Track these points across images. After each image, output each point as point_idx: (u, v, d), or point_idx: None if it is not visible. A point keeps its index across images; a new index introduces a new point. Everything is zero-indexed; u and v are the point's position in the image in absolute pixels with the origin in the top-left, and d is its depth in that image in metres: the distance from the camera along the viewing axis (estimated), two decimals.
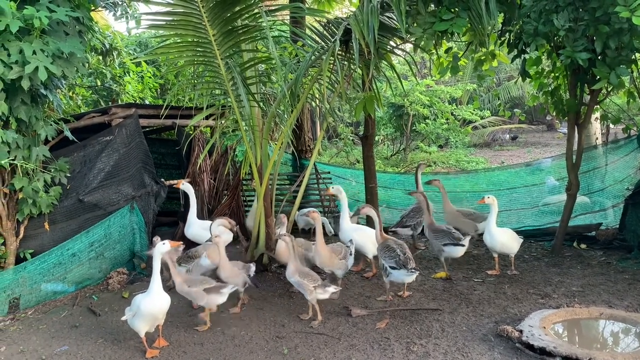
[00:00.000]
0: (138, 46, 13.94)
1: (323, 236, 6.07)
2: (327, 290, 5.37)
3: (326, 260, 5.91)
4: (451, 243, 6.46)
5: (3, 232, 6.44)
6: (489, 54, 7.63)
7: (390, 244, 5.78)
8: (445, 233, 6.55)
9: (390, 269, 5.63)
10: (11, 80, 5.59)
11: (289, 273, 5.46)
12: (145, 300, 4.74)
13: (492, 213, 6.50)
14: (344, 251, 6.06)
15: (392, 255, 5.63)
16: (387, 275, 5.70)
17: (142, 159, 7.64)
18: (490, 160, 18.46)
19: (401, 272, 5.57)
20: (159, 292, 4.79)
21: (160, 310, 4.80)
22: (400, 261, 5.55)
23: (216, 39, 6.29)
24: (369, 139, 7.70)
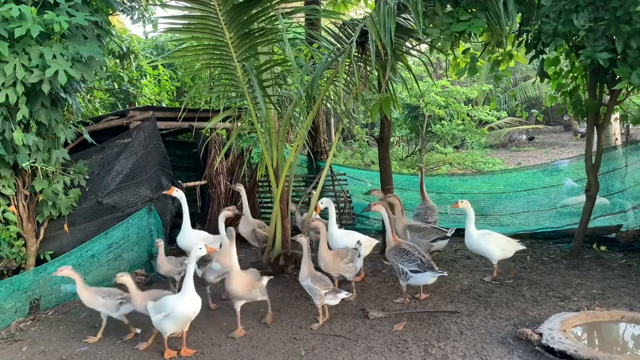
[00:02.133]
0: (154, 49, 14.07)
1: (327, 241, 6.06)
2: (338, 296, 5.35)
3: (330, 264, 5.85)
4: (440, 237, 6.72)
5: (23, 234, 6.55)
6: (506, 55, 7.56)
7: (405, 247, 5.77)
8: (430, 229, 6.83)
9: (411, 272, 5.60)
10: (32, 84, 5.68)
11: (302, 276, 5.45)
12: (179, 302, 4.68)
13: (468, 217, 6.44)
14: (350, 254, 5.99)
15: (412, 258, 5.61)
16: (406, 279, 5.66)
17: (159, 161, 7.71)
18: (506, 161, 18.31)
19: (426, 274, 5.57)
20: (193, 294, 4.73)
21: (194, 312, 4.76)
22: (424, 264, 5.56)
23: (233, 41, 6.33)
24: (385, 141, 7.68)
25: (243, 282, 5.22)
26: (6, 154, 5.96)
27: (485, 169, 14.96)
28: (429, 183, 10.27)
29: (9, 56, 5.48)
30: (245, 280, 5.25)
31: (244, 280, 5.24)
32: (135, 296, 5.12)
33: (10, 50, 5.53)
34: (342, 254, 5.98)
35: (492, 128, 22.16)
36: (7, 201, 6.38)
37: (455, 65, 7.73)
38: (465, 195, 9.90)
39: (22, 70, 5.54)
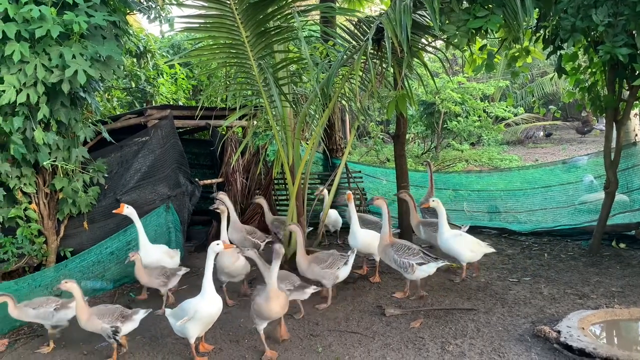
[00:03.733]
0: (171, 48, 14.17)
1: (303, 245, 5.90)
2: (306, 292, 5.37)
3: (304, 268, 5.76)
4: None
5: (44, 231, 6.65)
6: (523, 51, 7.51)
7: (402, 243, 5.89)
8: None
9: (417, 265, 5.65)
10: (52, 83, 5.76)
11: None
12: (201, 303, 4.55)
13: (440, 216, 6.32)
14: (331, 260, 5.79)
15: (414, 252, 5.72)
16: (413, 272, 5.69)
17: (177, 159, 7.78)
18: (524, 158, 18.15)
19: (431, 265, 5.69)
20: (213, 294, 4.62)
21: (217, 311, 4.66)
22: (427, 255, 5.71)
23: (249, 40, 6.37)
24: (401, 138, 7.66)
25: (280, 303, 4.70)
26: (27, 152, 6.05)
27: (501, 166, 14.85)
28: (445, 180, 10.26)
29: (30, 56, 5.56)
30: (282, 302, 4.73)
31: (281, 301, 4.71)
32: (80, 308, 4.83)
33: (31, 51, 5.61)
34: (320, 259, 5.80)
35: (509, 124, 21.99)
36: (29, 199, 6.48)
37: (472, 61, 7.69)
38: (482, 192, 9.88)
39: (42, 70, 5.62)
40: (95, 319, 4.81)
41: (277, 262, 4.64)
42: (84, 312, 4.83)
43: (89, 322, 4.83)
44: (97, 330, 4.84)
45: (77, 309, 4.85)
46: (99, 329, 4.81)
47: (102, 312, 4.87)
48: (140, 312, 5.04)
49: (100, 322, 4.79)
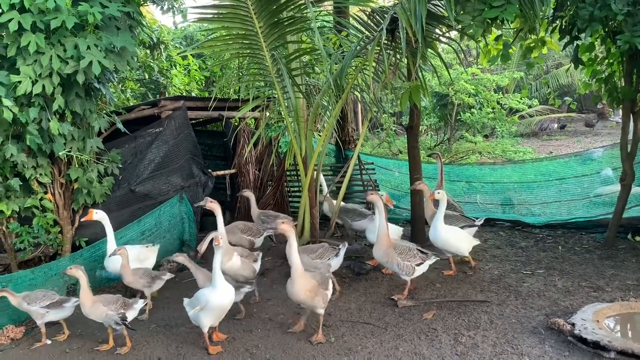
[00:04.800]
0: (184, 39, 14.20)
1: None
2: (242, 291, 5.31)
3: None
4: (467, 225, 6.71)
5: (60, 221, 6.73)
6: (539, 41, 7.41)
7: (403, 244, 5.79)
8: (457, 217, 6.81)
9: (416, 266, 5.60)
10: (67, 74, 5.80)
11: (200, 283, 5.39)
12: (212, 294, 4.58)
13: (440, 209, 6.14)
14: (321, 250, 5.79)
15: (414, 252, 5.65)
16: (413, 274, 5.61)
17: (190, 150, 7.82)
18: (538, 150, 17.99)
19: (426, 263, 5.71)
20: (224, 285, 4.64)
21: (230, 302, 4.68)
22: (424, 254, 5.71)
23: (262, 31, 6.35)
24: (414, 129, 7.61)
25: (306, 286, 4.73)
26: (43, 143, 6.11)
27: (515, 158, 14.73)
28: (458, 172, 10.21)
29: (45, 47, 5.60)
30: (309, 285, 4.75)
31: (307, 284, 4.74)
32: (84, 295, 4.91)
33: (47, 42, 5.65)
34: (311, 249, 5.78)
35: (523, 116, 21.79)
36: (44, 189, 6.55)
37: (487, 52, 7.61)
38: (495, 184, 9.81)
39: (57, 61, 5.66)
40: (100, 306, 4.87)
41: (292, 240, 4.79)
42: (88, 299, 4.89)
43: (93, 309, 4.88)
44: (101, 317, 4.89)
45: (81, 296, 4.92)
46: (103, 316, 4.86)
47: (107, 300, 4.93)
48: (139, 301, 5.10)
49: (105, 309, 4.85)
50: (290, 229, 4.96)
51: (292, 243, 4.85)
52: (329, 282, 5.01)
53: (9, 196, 6.25)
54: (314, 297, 4.72)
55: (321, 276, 4.98)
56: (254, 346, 4.86)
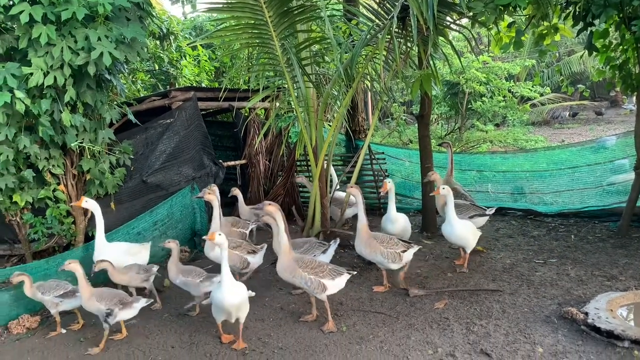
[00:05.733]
0: (193, 30, 14.18)
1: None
2: (214, 281, 5.28)
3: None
4: (477, 214, 6.68)
5: (73, 212, 6.78)
6: (552, 28, 7.31)
7: (382, 234, 5.71)
8: (468, 206, 6.78)
9: (402, 253, 5.55)
10: (78, 66, 5.81)
11: (172, 276, 5.46)
12: (217, 293, 4.56)
13: (449, 203, 6.02)
14: (307, 246, 5.78)
15: (395, 241, 5.59)
16: (401, 261, 5.56)
17: (201, 141, 7.84)
18: (549, 138, 17.85)
19: (410, 251, 5.67)
20: (230, 285, 4.53)
21: (231, 304, 4.53)
22: (405, 242, 5.69)
23: (272, 20, 6.33)
24: (425, 118, 7.57)
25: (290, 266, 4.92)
26: (55, 134, 6.14)
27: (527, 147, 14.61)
28: (469, 161, 10.15)
29: (56, 39, 5.61)
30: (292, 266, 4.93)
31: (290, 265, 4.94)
32: (82, 287, 4.95)
33: (58, 34, 5.66)
34: (296, 244, 5.74)
35: (535, 105, 21.59)
36: (57, 180, 6.60)
37: (498, 40, 7.52)
38: (507, 173, 9.74)
39: (68, 52, 5.67)
40: (94, 299, 4.89)
41: (280, 221, 4.97)
42: (86, 291, 4.93)
43: (89, 302, 4.91)
44: (95, 310, 4.92)
45: (80, 289, 4.97)
46: (96, 309, 4.90)
47: (102, 295, 4.93)
48: (141, 300, 5.07)
49: (97, 304, 4.86)
50: (276, 211, 5.11)
51: (280, 224, 5.02)
52: (324, 270, 4.95)
53: (22, 187, 6.31)
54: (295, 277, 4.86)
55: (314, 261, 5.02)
56: (267, 335, 4.89)
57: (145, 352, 4.76)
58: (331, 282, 4.91)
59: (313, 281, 4.85)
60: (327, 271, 4.94)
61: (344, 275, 5.02)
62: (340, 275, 4.99)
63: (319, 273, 4.88)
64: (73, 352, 4.90)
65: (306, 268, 4.91)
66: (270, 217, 5.18)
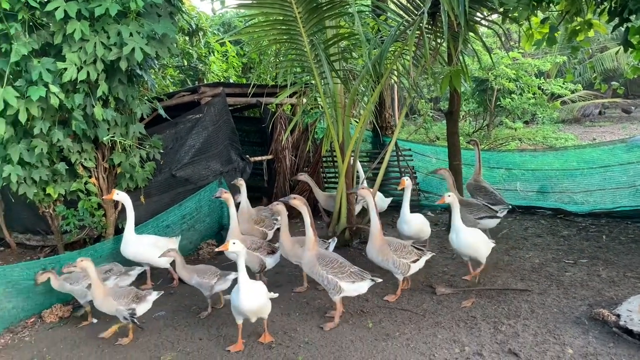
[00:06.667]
0: (222, 26, 14.30)
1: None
2: (228, 279, 5.31)
3: (288, 250, 5.64)
4: (487, 216, 6.56)
5: (103, 205, 6.90)
6: (585, 24, 7.16)
7: (397, 241, 5.56)
8: (480, 206, 6.64)
9: (412, 263, 5.42)
10: (110, 61, 5.91)
11: (186, 279, 5.41)
12: (233, 296, 4.51)
13: (454, 211, 5.65)
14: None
15: (409, 250, 5.47)
16: (408, 272, 5.42)
17: (229, 136, 7.90)
18: (580, 136, 17.49)
19: (422, 260, 5.53)
20: (247, 290, 4.45)
21: (248, 310, 4.47)
22: (418, 250, 5.56)
23: (301, 16, 6.33)
24: (454, 115, 7.49)
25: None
26: (88, 128, 6.25)
27: (557, 145, 14.35)
28: (497, 159, 10.02)
29: (89, 35, 5.71)
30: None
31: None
32: (95, 287, 4.87)
33: (91, 29, 5.76)
34: (303, 240, 5.57)
35: (565, 102, 21.17)
36: (89, 173, 6.73)
37: (530, 36, 7.39)
38: (536, 171, 9.59)
39: (101, 48, 5.77)
40: (110, 299, 4.85)
41: (306, 215, 5.06)
42: (99, 291, 4.86)
43: (105, 302, 4.85)
44: (112, 311, 4.88)
45: (92, 289, 4.89)
46: (114, 310, 4.86)
47: (117, 294, 4.90)
48: (153, 293, 5.08)
49: (115, 304, 4.83)
50: (302, 204, 5.17)
51: (306, 218, 5.08)
52: (345, 271, 4.92)
53: (55, 180, 6.44)
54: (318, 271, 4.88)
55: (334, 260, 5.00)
56: (292, 329, 4.92)
57: (174, 344, 4.84)
58: (350, 285, 4.87)
59: (330, 281, 4.84)
60: (348, 273, 4.89)
61: (367, 280, 4.94)
62: (362, 280, 4.92)
63: (338, 274, 4.86)
64: (104, 342, 5.00)
65: (326, 266, 4.89)
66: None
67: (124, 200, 6.21)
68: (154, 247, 6.10)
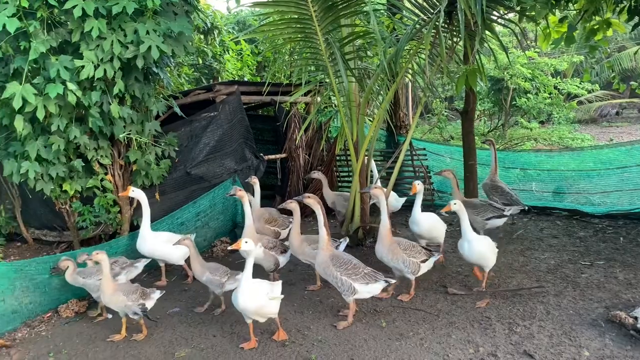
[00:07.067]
0: (236, 24, 14.34)
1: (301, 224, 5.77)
2: (237, 278, 5.23)
3: (297, 248, 5.62)
4: (495, 216, 6.56)
5: (119, 201, 6.96)
6: (604, 23, 7.07)
7: (407, 241, 5.52)
8: (485, 207, 6.65)
9: (422, 263, 5.37)
10: (127, 59, 5.96)
11: (197, 274, 5.35)
12: (234, 295, 4.51)
13: (462, 219, 5.42)
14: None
15: (418, 249, 5.44)
16: (418, 272, 5.36)
17: (243, 135, 7.92)
18: (597, 137, 17.31)
19: (431, 260, 5.48)
20: (248, 291, 4.42)
21: (244, 308, 4.44)
22: (427, 250, 5.53)
23: (317, 14, 6.33)
24: (470, 114, 7.45)
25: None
26: (104, 125, 6.31)
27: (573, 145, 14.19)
28: (513, 159, 9.93)
29: (107, 33, 5.76)
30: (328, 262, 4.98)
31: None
32: (106, 282, 4.87)
33: (108, 27, 5.81)
34: (312, 239, 5.65)
35: (582, 102, 20.94)
36: (105, 170, 6.79)
37: (547, 35, 7.32)
38: (552, 172, 9.50)
39: (118, 46, 5.82)
40: (120, 294, 4.86)
41: (319, 214, 5.05)
42: (109, 286, 4.88)
43: (113, 297, 4.86)
44: (119, 306, 4.89)
45: (103, 283, 4.90)
46: (122, 306, 4.87)
47: (126, 289, 4.92)
48: (156, 292, 5.09)
49: (124, 299, 4.84)
50: (315, 203, 5.15)
51: (319, 217, 5.06)
52: (359, 273, 4.89)
53: (72, 177, 6.51)
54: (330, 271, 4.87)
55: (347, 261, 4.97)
56: (306, 327, 4.92)
57: (188, 340, 4.86)
58: (363, 286, 4.85)
59: (344, 282, 4.83)
60: (362, 275, 4.87)
61: (380, 282, 4.91)
62: (376, 282, 4.90)
63: (352, 275, 4.84)
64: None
65: (340, 267, 4.88)
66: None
67: (140, 197, 6.25)
68: (170, 244, 6.13)
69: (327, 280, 5.05)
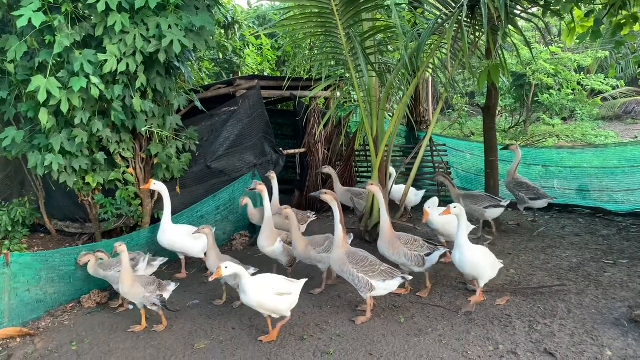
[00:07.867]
0: (256, 19, 14.36)
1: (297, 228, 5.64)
2: (249, 272, 5.15)
3: (301, 252, 5.56)
4: (492, 205, 6.69)
5: (140, 194, 7.05)
6: (631, 17, 6.91)
7: (408, 235, 5.46)
8: (483, 197, 6.80)
9: (426, 256, 5.29)
10: (149, 53, 6.01)
11: (211, 265, 5.32)
12: (240, 292, 4.53)
13: (461, 225, 5.07)
14: (327, 243, 5.58)
15: (420, 243, 5.37)
16: (423, 265, 5.30)
17: (263, 129, 7.95)
18: (621, 134, 16.98)
19: (436, 254, 5.35)
20: (252, 288, 4.43)
21: (257, 304, 4.45)
22: (431, 244, 5.44)
23: (338, 9, 6.31)
24: (492, 110, 7.36)
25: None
26: (126, 119, 6.39)
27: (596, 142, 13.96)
28: (534, 156, 9.81)
29: (129, 27, 5.82)
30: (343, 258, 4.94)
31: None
32: (125, 274, 4.96)
33: (131, 22, 5.87)
34: (317, 242, 5.62)
35: (606, 99, 20.57)
36: (127, 163, 6.88)
37: (572, 29, 7.19)
38: (574, 169, 9.36)
39: (140, 40, 5.88)
40: (138, 286, 4.93)
41: (336, 211, 5.01)
42: (129, 278, 4.95)
43: (132, 289, 4.94)
44: (137, 298, 4.95)
45: (122, 275, 4.97)
46: (140, 297, 4.93)
47: (145, 282, 4.99)
48: (172, 284, 5.16)
49: (142, 291, 4.92)
50: (332, 199, 5.10)
51: (336, 214, 5.01)
52: (375, 270, 4.87)
53: (94, 169, 6.61)
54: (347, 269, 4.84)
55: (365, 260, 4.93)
56: (324, 322, 4.93)
57: (208, 332, 4.91)
58: (381, 283, 4.83)
59: (361, 279, 4.81)
60: (379, 272, 4.86)
61: (397, 279, 4.89)
62: (393, 279, 4.87)
63: (369, 272, 4.83)
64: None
65: (357, 265, 4.87)
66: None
67: (161, 190, 6.31)
68: (190, 237, 6.20)
69: (344, 277, 5.03)
